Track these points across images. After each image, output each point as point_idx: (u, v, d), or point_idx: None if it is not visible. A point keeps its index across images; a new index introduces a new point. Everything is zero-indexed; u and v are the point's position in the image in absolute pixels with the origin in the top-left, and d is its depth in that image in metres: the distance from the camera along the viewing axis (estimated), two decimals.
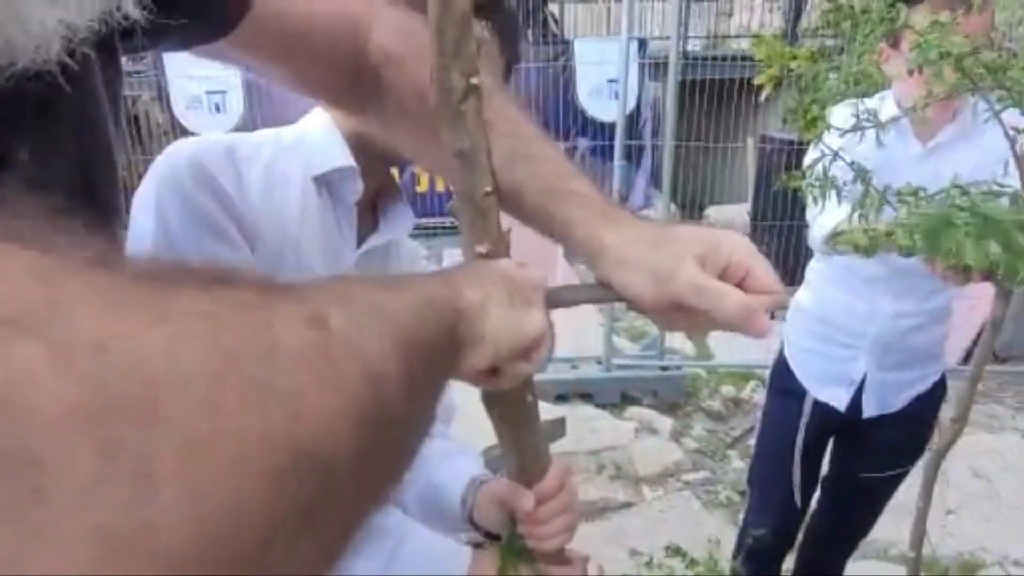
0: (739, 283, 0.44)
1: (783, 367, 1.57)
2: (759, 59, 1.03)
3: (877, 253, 1.00)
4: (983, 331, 0.93)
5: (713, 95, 4.97)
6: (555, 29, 6.34)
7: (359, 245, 0.74)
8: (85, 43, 0.34)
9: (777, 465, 1.58)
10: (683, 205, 5.70)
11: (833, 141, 1.11)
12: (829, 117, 1.19)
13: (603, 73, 5.32)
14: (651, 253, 0.45)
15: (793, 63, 0.98)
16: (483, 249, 0.43)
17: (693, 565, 1.45)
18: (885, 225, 0.92)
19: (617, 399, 3.19)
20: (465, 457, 0.79)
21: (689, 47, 6.05)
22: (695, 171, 5.24)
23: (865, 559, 2.12)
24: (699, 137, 5.08)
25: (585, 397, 3.19)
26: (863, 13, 1.00)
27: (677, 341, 3.55)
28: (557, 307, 0.44)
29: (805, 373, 1.53)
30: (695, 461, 2.82)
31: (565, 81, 5.50)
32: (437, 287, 0.33)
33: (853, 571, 1.74)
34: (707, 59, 5.49)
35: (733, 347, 3.55)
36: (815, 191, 1.07)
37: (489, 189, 0.42)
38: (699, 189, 5.52)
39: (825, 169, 1.06)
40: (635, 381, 3.24)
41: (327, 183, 0.70)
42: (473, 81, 0.39)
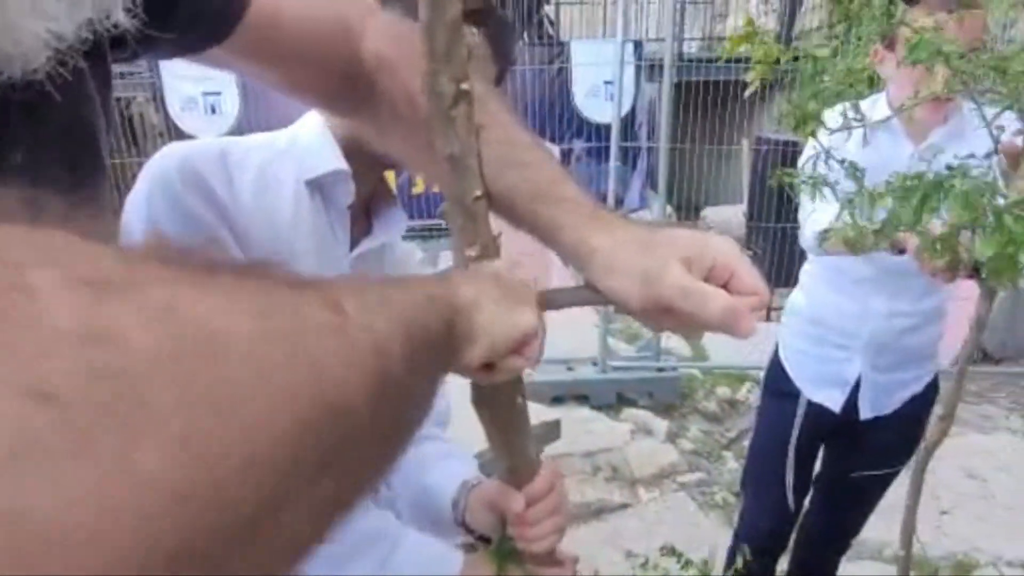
0: (724, 284, 0.45)
1: (778, 369, 1.58)
2: (738, 59, 1.03)
3: (865, 250, 1.01)
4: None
5: (708, 97, 4.99)
6: (551, 31, 6.35)
7: (352, 248, 0.74)
8: (73, 51, 0.34)
9: (771, 466, 1.59)
10: (679, 207, 5.72)
11: (825, 140, 1.12)
12: (823, 117, 1.19)
13: (599, 75, 5.33)
14: (638, 256, 0.46)
15: (784, 61, 0.99)
16: (473, 252, 0.43)
17: (688, 566, 1.45)
18: (871, 223, 0.93)
19: (613, 401, 3.20)
20: (458, 460, 0.80)
21: (684, 49, 6.07)
22: (691, 173, 5.25)
23: (860, 559, 2.13)
24: (695, 139, 5.10)
25: (581, 399, 3.20)
26: (864, 8, 1.00)
27: (673, 342, 3.56)
28: (549, 309, 0.45)
29: (799, 375, 1.54)
30: (691, 462, 2.83)
31: (561, 83, 5.51)
32: (436, 286, 0.36)
33: (847, 571, 1.75)
34: (701, 61, 5.51)
35: (728, 349, 3.56)
36: (807, 189, 1.07)
37: (479, 193, 0.42)
38: (695, 191, 5.54)
39: (815, 166, 1.07)
40: (631, 383, 3.25)
41: (320, 186, 0.70)
42: (463, 86, 0.39)
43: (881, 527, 1.66)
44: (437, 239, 4.60)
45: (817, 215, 1.22)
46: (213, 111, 4.95)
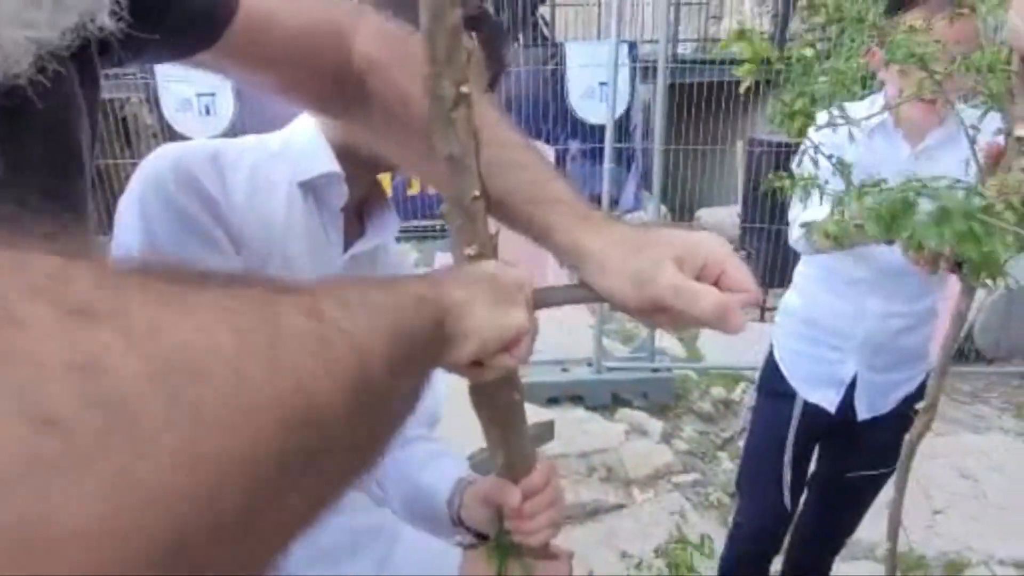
0: (715, 282, 0.46)
1: (773, 369, 1.58)
2: (732, 61, 1.04)
3: (850, 245, 1.01)
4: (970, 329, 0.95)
5: (703, 98, 5.01)
6: (546, 32, 6.36)
7: (346, 250, 0.74)
8: (57, 57, 0.34)
9: (767, 467, 1.59)
10: (673, 208, 5.74)
11: (815, 137, 1.13)
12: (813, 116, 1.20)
13: (594, 76, 5.34)
14: (630, 256, 0.46)
15: (775, 60, 0.99)
16: (471, 251, 0.44)
17: (675, 568, 1.46)
18: (851, 216, 0.94)
19: (608, 401, 3.20)
20: (450, 459, 0.80)
21: (679, 50, 6.09)
22: (685, 174, 5.26)
23: (854, 559, 2.14)
24: (689, 140, 5.12)
25: (576, 399, 3.20)
26: (841, 11, 1.01)
27: (667, 343, 3.57)
28: (542, 307, 0.46)
29: (795, 375, 1.54)
30: (685, 463, 2.84)
31: (556, 84, 5.52)
32: (425, 287, 0.37)
33: (840, 571, 1.76)
34: (696, 62, 5.53)
35: (723, 349, 3.57)
36: (798, 190, 1.08)
37: (477, 193, 0.43)
38: (690, 192, 5.55)
39: (813, 160, 1.08)
40: (626, 383, 3.26)
41: (313, 189, 0.70)
42: (463, 89, 0.39)
43: (874, 527, 1.67)
44: (433, 240, 4.60)
45: (804, 214, 1.23)
46: (208, 112, 4.93)
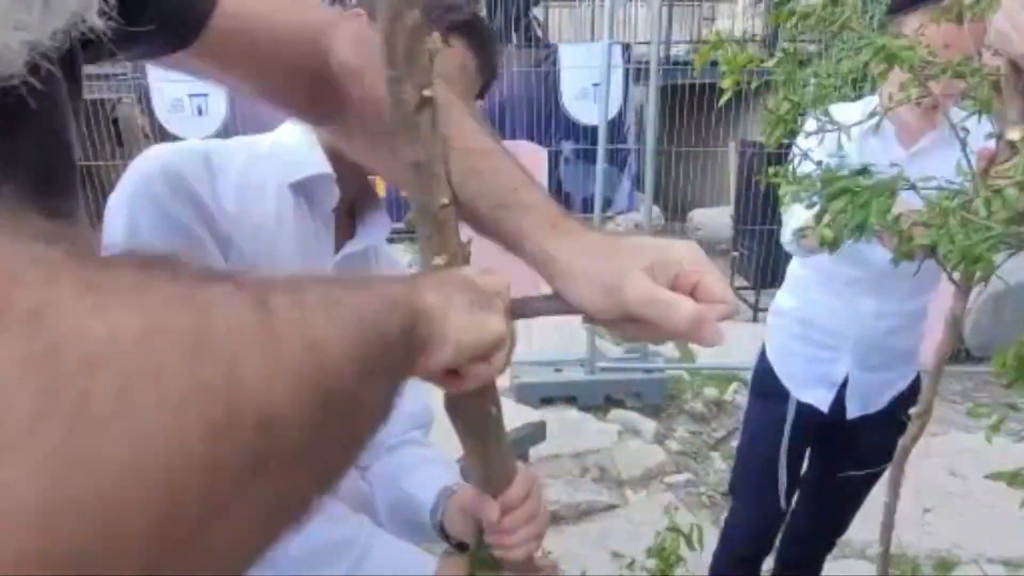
0: (690, 292, 0.44)
1: (765, 369, 1.57)
2: (715, 63, 1.04)
3: (840, 245, 1.01)
4: (961, 329, 0.95)
5: (696, 100, 5.02)
6: (539, 33, 6.36)
7: (337, 251, 0.74)
8: (48, 58, 0.34)
9: (761, 468, 1.58)
10: (667, 209, 5.74)
11: (803, 144, 1.13)
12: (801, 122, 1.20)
13: (587, 77, 5.34)
14: (599, 264, 0.45)
15: (756, 65, 1.00)
16: (441, 260, 0.43)
17: (665, 568, 1.46)
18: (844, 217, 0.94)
19: (601, 402, 3.20)
20: (438, 465, 0.79)
21: (672, 52, 6.10)
22: (679, 175, 5.27)
23: (845, 558, 2.14)
24: (682, 142, 5.12)
25: (569, 400, 3.20)
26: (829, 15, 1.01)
27: (660, 344, 3.57)
28: (519, 318, 0.45)
29: (787, 375, 1.54)
30: (678, 463, 2.84)
31: (550, 85, 5.52)
32: (399, 288, 0.35)
33: (831, 570, 1.76)
34: (688, 64, 5.53)
35: (716, 350, 3.56)
36: (791, 192, 1.08)
37: (446, 201, 0.42)
38: (683, 193, 5.56)
39: (794, 169, 1.08)
40: (619, 384, 3.26)
41: (304, 190, 0.70)
42: (426, 93, 0.39)
43: (865, 526, 1.67)
44: None
45: (795, 215, 1.24)
46: (200, 113, 4.92)
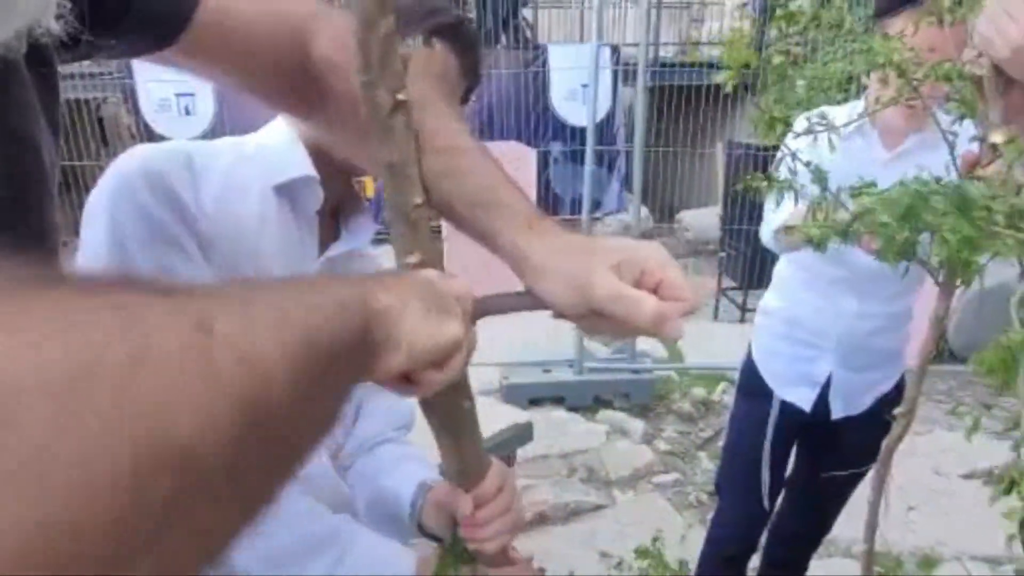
0: (654, 289, 0.46)
1: (750, 369, 1.59)
2: (712, 65, 1.05)
3: (827, 245, 1.02)
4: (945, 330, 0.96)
5: (684, 101, 5.04)
6: (528, 34, 6.37)
7: (321, 253, 0.74)
8: (8, 60, 0.34)
9: (745, 466, 1.60)
10: (656, 209, 5.77)
11: (792, 144, 1.14)
12: (790, 121, 1.21)
13: (576, 78, 5.36)
14: (569, 262, 0.47)
15: (753, 66, 1.01)
16: (413, 260, 0.44)
17: (657, 568, 1.47)
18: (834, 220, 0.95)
19: (589, 402, 3.22)
20: (417, 463, 0.80)
21: (661, 53, 6.13)
22: (667, 176, 5.30)
23: (830, 557, 2.16)
24: (670, 142, 5.15)
25: (557, 400, 3.21)
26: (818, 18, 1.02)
27: (649, 345, 3.58)
28: (486, 315, 0.46)
29: (771, 374, 1.55)
30: (666, 463, 2.85)
31: (539, 86, 5.54)
32: (353, 291, 0.34)
33: (817, 569, 1.77)
34: (675, 65, 5.56)
35: (704, 350, 3.59)
36: (775, 192, 1.09)
37: (419, 201, 0.42)
38: (671, 193, 5.59)
39: (791, 169, 1.09)
40: (607, 384, 3.27)
41: (288, 192, 0.70)
42: (400, 97, 0.39)
43: (850, 524, 1.69)
44: None
45: (776, 214, 1.25)
46: (187, 112, 4.89)
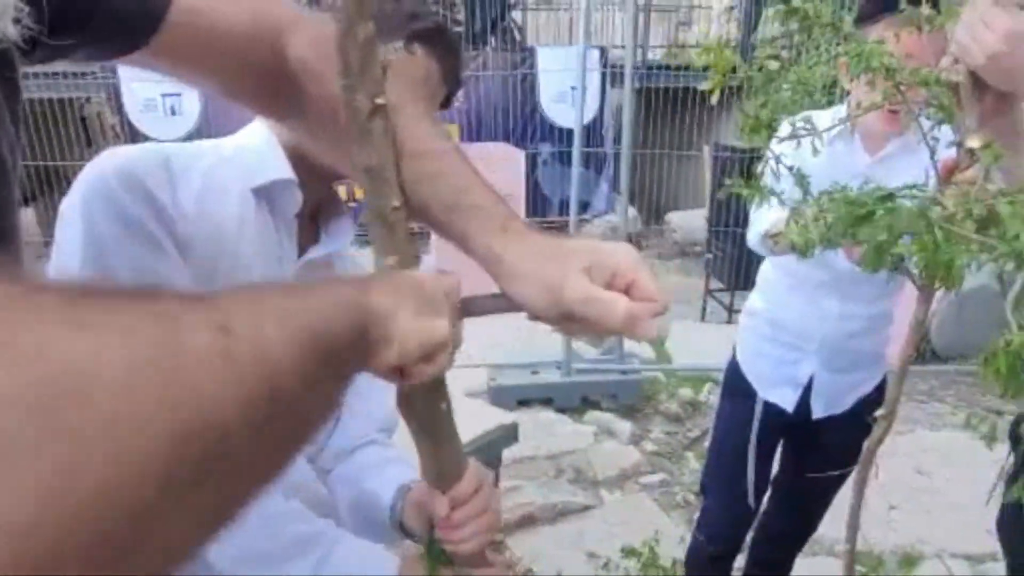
0: (626, 290, 0.47)
1: (734, 369, 1.61)
2: (704, 67, 1.06)
3: (811, 252, 1.04)
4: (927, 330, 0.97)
5: (671, 103, 5.07)
6: (517, 36, 6.38)
7: (300, 256, 0.74)
8: None
9: (730, 466, 1.61)
10: (644, 211, 5.80)
11: (776, 148, 1.16)
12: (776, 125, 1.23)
13: (565, 80, 5.38)
14: (542, 265, 0.48)
15: (742, 71, 1.01)
16: (392, 261, 0.44)
17: (647, 567, 1.48)
18: (816, 225, 0.96)
19: (577, 403, 3.23)
20: (399, 465, 0.80)
21: (649, 56, 6.16)
22: (655, 178, 5.32)
23: (814, 556, 2.18)
24: (658, 144, 5.18)
25: (545, 402, 3.22)
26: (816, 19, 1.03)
27: (636, 346, 3.60)
28: (467, 316, 0.46)
29: (755, 374, 1.57)
30: (653, 463, 2.86)
31: (527, 88, 5.55)
32: (350, 291, 0.37)
33: (801, 568, 1.79)
34: (661, 68, 5.60)
35: (691, 351, 3.61)
36: (757, 197, 1.10)
37: (397, 204, 0.43)
38: (659, 195, 5.62)
39: (774, 172, 1.10)
40: (595, 385, 3.28)
41: (267, 195, 0.70)
42: (379, 101, 0.40)
43: (834, 524, 1.71)
44: None
45: (760, 217, 1.26)
46: (173, 112, 4.86)
